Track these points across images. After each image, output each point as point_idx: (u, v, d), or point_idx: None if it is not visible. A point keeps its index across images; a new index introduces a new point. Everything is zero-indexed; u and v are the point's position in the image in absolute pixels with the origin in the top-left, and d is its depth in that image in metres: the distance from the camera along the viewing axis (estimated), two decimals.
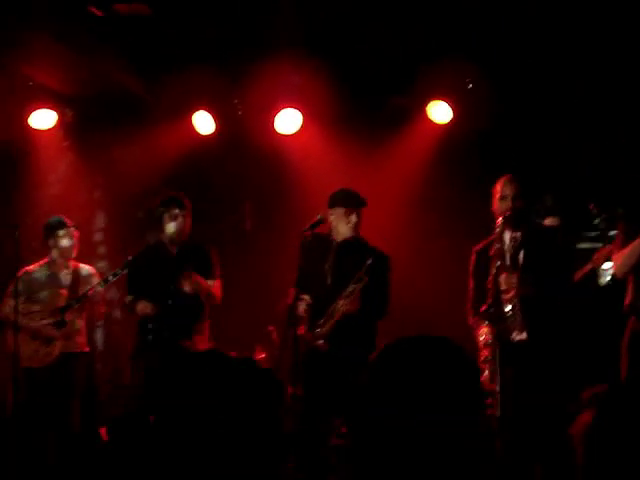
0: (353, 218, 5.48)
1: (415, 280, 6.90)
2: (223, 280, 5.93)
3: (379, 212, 7.01)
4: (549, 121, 6.96)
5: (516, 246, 5.04)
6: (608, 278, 6.10)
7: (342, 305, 5.24)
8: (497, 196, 5.09)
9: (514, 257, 5.03)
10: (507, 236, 5.07)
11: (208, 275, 5.79)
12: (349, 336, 5.28)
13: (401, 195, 7.25)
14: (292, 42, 6.25)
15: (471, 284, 5.21)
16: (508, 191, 5.05)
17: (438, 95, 7.04)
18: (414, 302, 6.85)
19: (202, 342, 5.77)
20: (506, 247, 5.04)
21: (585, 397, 4.25)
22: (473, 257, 5.23)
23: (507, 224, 5.02)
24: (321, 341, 5.26)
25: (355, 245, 5.47)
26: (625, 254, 4.99)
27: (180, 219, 5.76)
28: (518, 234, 5.06)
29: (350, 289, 5.25)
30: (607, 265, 5.96)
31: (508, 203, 5.02)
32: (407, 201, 7.25)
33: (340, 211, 5.45)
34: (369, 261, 5.26)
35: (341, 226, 5.47)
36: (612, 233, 6.04)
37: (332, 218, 5.44)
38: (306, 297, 5.28)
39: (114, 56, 6.63)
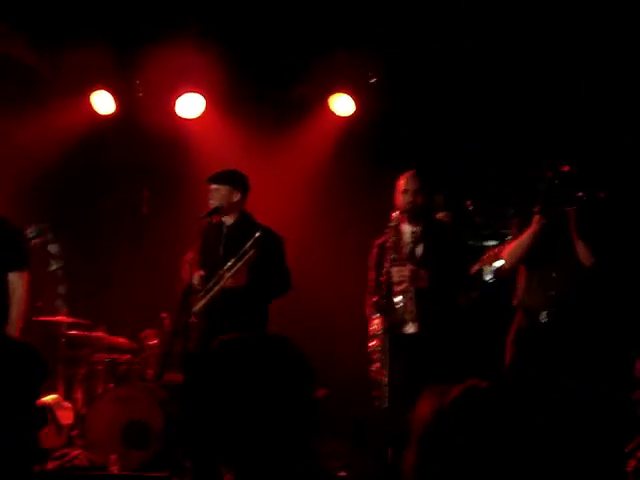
0: (235, 197, 5.36)
1: (317, 269, 6.90)
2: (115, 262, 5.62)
3: (279, 200, 7.04)
4: (449, 117, 7.03)
5: (416, 240, 5.12)
6: (489, 277, 6.24)
7: (226, 279, 5.16)
8: (400, 190, 5.14)
9: (412, 251, 5.10)
10: (407, 230, 5.14)
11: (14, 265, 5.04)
12: (232, 311, 5.17)
13: (301, 184, 7.25)
14: (194, 27, 6.16)
15: (371, 276, 5.25)
16: (410, 186, 5.11)
17: (340, 88, 7.07)
18: (316, 292, 6.91)
19: None
20: (405, 240, 5.11)
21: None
22: (374, 250, 5.27)
23: (407, 218, 5.11)
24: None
25: (244, 224, 5.40)
26: (513, 245, 5.15)
27: None
28: (418, 228, 5.14)
29: (231, 263, 5.16)
30: (497, 264, 6.08)
31: (409, 197, 5.09)
32: (307, 190, 7.24)
33: (224, 188, 5.33)
34: (257, 234, 5.16)
35: (225, 204, 5.33)
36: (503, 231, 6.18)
37: (215, 194, 5.31)
38: (201, 271, 5.25)
39: (7, 27, 6.41)
